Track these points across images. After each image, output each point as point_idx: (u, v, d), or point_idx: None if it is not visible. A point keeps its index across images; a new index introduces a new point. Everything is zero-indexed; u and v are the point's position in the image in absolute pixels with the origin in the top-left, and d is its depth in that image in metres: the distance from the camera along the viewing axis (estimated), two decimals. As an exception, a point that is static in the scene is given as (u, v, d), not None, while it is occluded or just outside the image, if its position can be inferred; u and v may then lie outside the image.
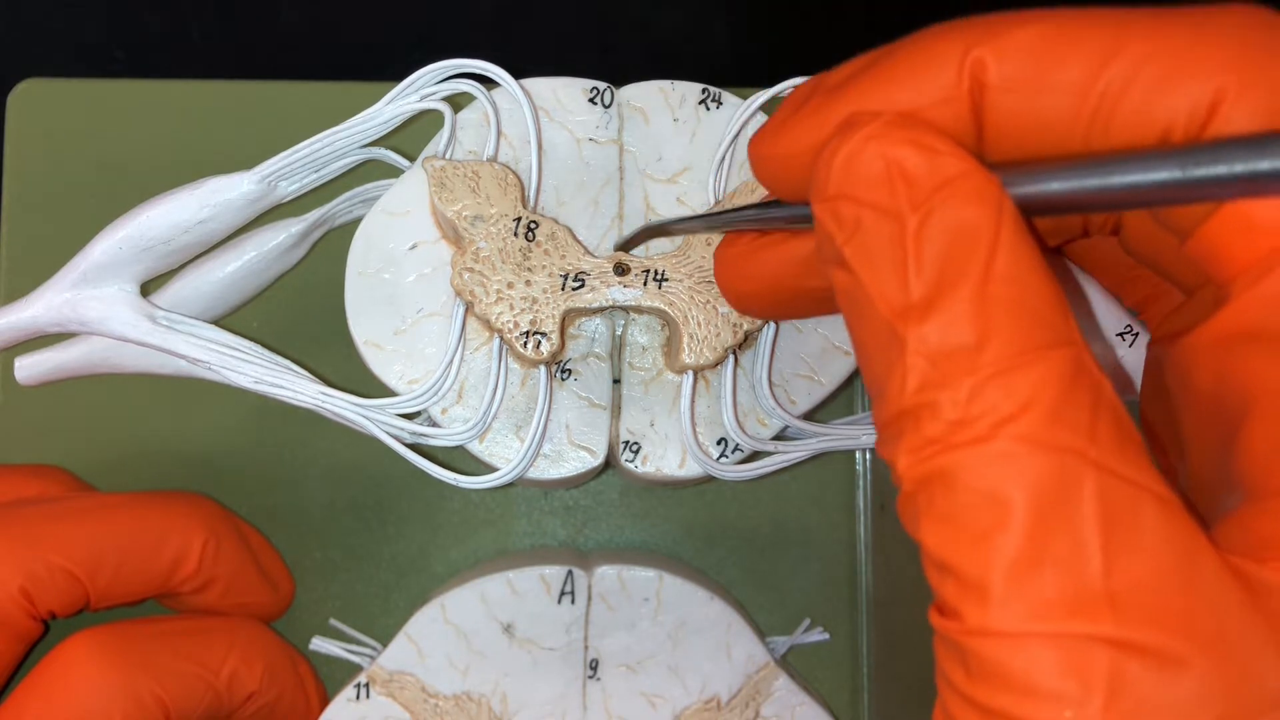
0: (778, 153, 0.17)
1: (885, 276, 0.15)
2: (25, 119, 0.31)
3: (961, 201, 0.15)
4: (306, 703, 0.28)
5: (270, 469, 0.30)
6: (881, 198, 0.15)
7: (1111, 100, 0.15)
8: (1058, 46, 0.15)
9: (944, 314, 0.14)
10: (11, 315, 0.25)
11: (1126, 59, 0.15)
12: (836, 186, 0.15)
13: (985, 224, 0.14)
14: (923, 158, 0.15)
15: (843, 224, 0.15)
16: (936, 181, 0.15)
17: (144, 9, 0.37)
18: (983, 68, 0.16)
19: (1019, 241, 0.15)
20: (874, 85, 0.16)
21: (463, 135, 0.25)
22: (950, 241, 0.14)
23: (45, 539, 0.25)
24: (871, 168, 0.15)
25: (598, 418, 0.25)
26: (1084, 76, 0.15)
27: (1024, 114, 0.16)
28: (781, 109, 0.18)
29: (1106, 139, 0.15)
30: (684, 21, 0.38)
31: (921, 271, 0.15)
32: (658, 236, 0.24)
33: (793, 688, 0.28)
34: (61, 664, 0.24)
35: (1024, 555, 0.14)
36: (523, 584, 0.27)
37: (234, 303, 0.27)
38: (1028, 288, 0.14)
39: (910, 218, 0.15)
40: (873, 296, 0.15)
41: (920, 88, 0.16)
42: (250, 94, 0.31)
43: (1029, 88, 0.15)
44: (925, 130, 0.15)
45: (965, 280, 0.14)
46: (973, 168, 0.15)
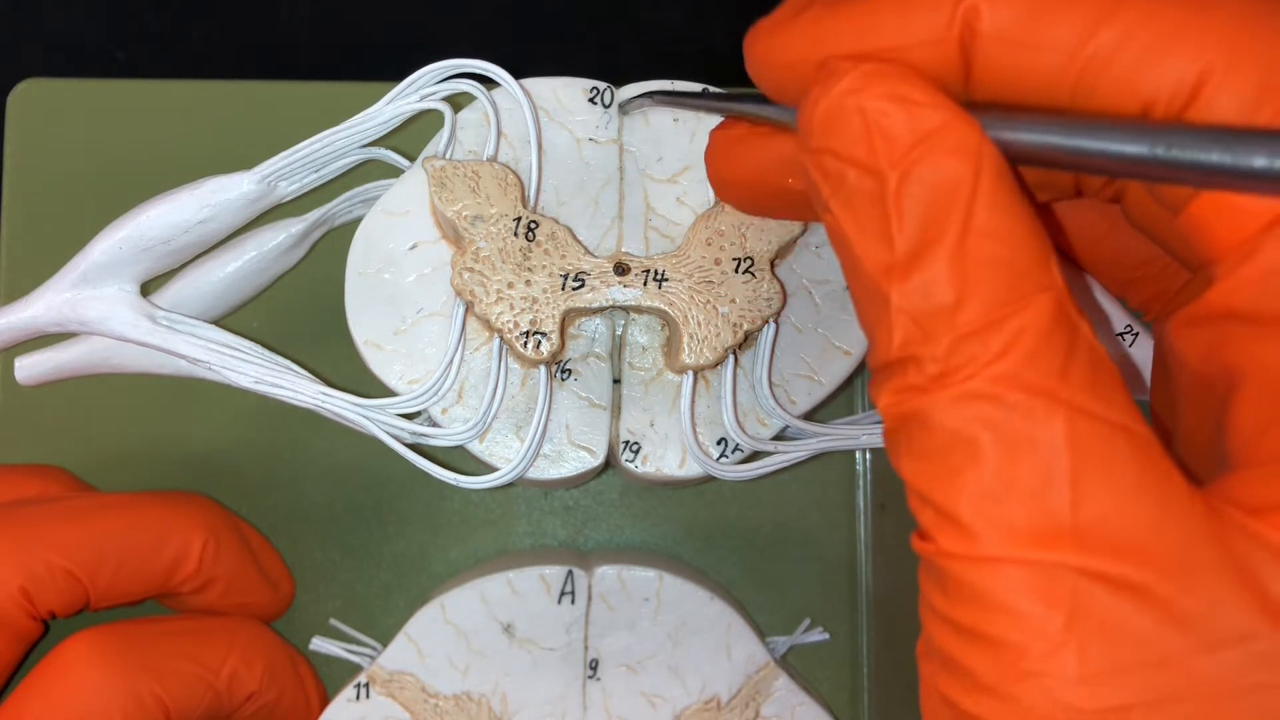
0: (770, 59, 0.17)
1: (869, 233, 0.15)
2: (25, 119, 0.31)
3: (940, 155, 0.15)
4: (306, 703, 0.28)
5: (270, 469, 0.30)
6: (861, 154, 0.15)
7: (1099, 65, 0.15)
8: (1052, 3, 0.15)
9: (924, 272, 0.15)
10: (11, 315, 0.25)
11: (1118, 25, 0.15)
12: (819, 140, 0.16)
13: (964, 177, 0.15)
14: (901, 112, 0.15)
15: (828, 177, 0.16)
16: (915, 136, 0.15)
17: (144, 9, 0.37)
18: (975, 14, 0.15)
19: (998, 192, 0.15)
20: (868, 9, 0.16)
21: (463, 135, 0.25)
22: (930, 197, 0.15)
23: (45, 539, 0.25)
24: (850, 123, 0.15)
25: (598, 418, 0.25)
26: (1074, 37, 0.15)
27: (1012, 66, 0.16)
28: (782, 8, 0.18)
29: (1090, 103, 0.15)
30: (684, 21, 0.38)
31: (903, 228, 0.15)
32: (659, 105, 0.24)
33: (793, 688, 0.28)
34: (61, 664, 0.24)
35: (993, 487, 0.14)
36: (523, 584, 0.27)
37: (234, 303, 0.27)
38: (1006, 239, 0.15)
39: (890, 174, 0.15)
40: (858, 252, 0.15)
41: (912, 23, 0.16)
42: (250, 94, 0.31)
43: (1019, 42, 0.15)
44: (905, 80, 0.15)
45: (944, 237, 0.15)
46: (952, 118, 0.15)
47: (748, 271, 0.24)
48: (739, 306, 0.24)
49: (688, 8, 0.38)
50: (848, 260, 0.16)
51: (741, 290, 0.24)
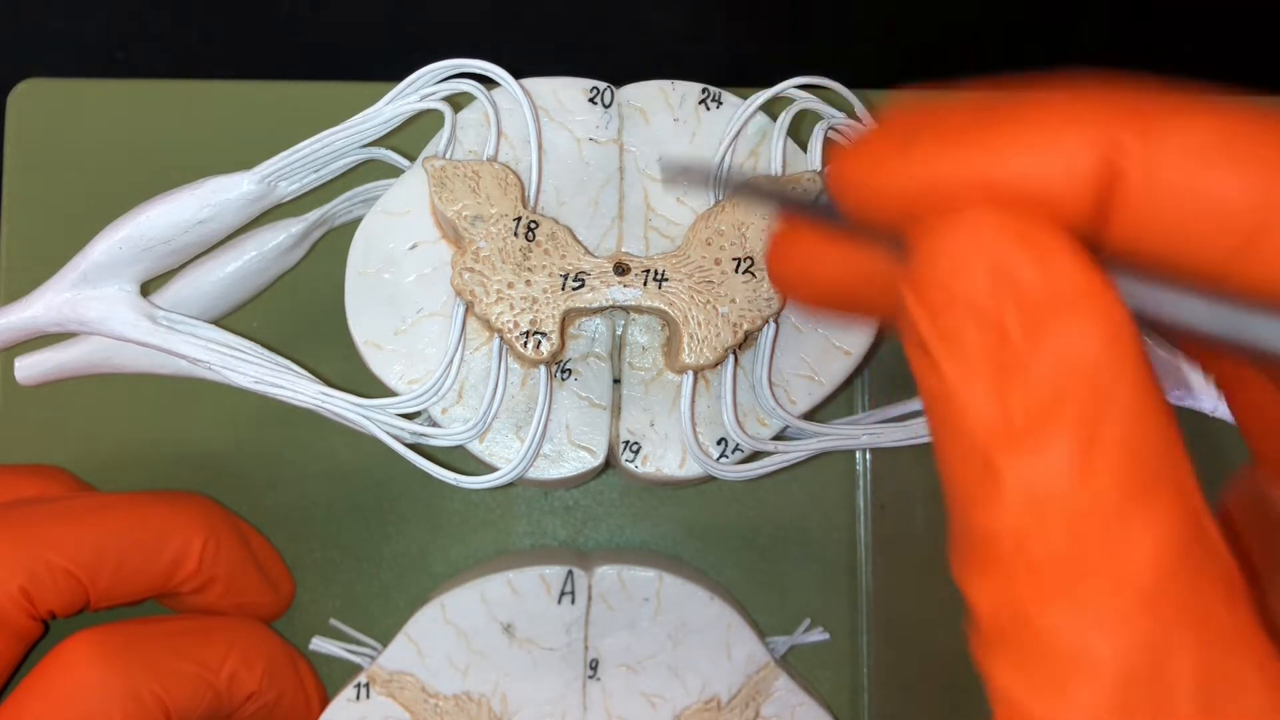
0: (870, 183, 0.16)
1: (981, 391, 0.13)
2: (25, 119, 0.31)
3: (1076, 319, 0.13)
4: (306, 703, 0.28)
5: (270, 469, 0.30)
6: (986, 304, 0.13)
7: (1265, 242, 0.13)
8: (1218, 156, 0.13)
9: (1048, 452, 0.13)
10: (11, 315, 0.25)
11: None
12: (935, 278, 0.14)
13: (1101, 350, 0.13)
14: (1038, 266, 0.13)
15: (936, 319, 0.14)
16: (1049, 292, 0.13)
17: (144, 9, 0.37)
18: (1124, 157, 0.14)
19: (1138, 376, 0.13)
20: (994, 142, 0.14)
21: (463, 135, 0.25)
22: (1059, 364, 0.13)
23: (45, 539, 0.25)
24: (977, 268, 0.14)
25: (598, 418, 0.25)
26: (1243, 200, 0.13)
27: (1160, 221, 0.14)
28: (879, 131, 0.16)
29: (1251, 271, 0.14)
30: (684, 21, 0.38)
31: (1026, 394, 0.13)
32: (748, 198, 0.24)
33: (793, 688, 0.28)
34: (61, 664, 0.24)
35: (1106, 716, 0.13)
36: (523, 584, 0.27)
37: (234, 303, 0.27)
38: (1143, 433, 0.13)
39: (1015, 330, 0.13)
40: (963, 406, 0.14)
41: (1045, 163, 0.14)
42: (250, 94, 0.31)
43: (1174, 196, 0.13)
44: (1042, 229, 0.14)
45: (1073, 415, 0.13)
46: (1094, 284, 0.13)
47: (748, 271, 0.24)
48: (739, 306, 0.24)
49: (688, 8, 0.38)
50: (946, 416, 0.14)
51: (742, 290, 0.24)
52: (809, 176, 0.25)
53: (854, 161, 0.16)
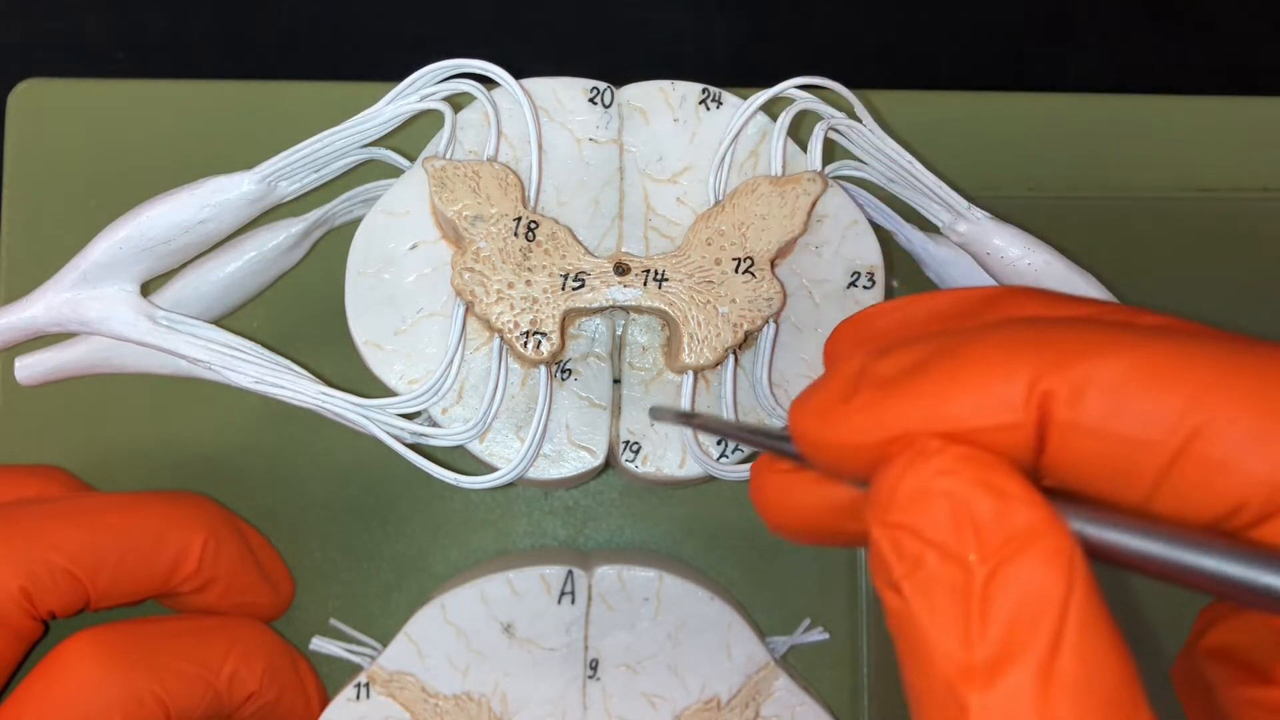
0: (824, 440, 0.17)
1: (946, 626, 0.14)
2: (25, 119, 0.31)
3: (1032, 559, 0.14)
4: (306, 703, 0.28)
5: (270, 469, 0.30)
6: (947, 541, 0.14)
7: (1186, 462, 0.14)
8: (1135, 394, 0.14)
9: (1008, 687, 0.14)
10: (11, 315, 0.25)
11: (1211, 417, 0.14)
12: (899, 517, 0.15)
13: (1057, 587, 0.14)
14: (994, 503, 0.14)
15: (903, 556, 0.15)
16: (1007, 532, 0.14)
17: (144, 9, 0.37)
18: (1052, 400, 0.14)
19: (1091, 609, 0.14)
20: (932, 392, 0.15)
21: (463, 135, 0.25)
22: (1018, 602, 0.14)
23: (45, 539, 0.25)
24: (939, 507, 0.14)
25: (598, 418, 0.25)
26: (1162, 431, 0.14)
27: (1090, 454, 0.15)
28: (828, 386, 0.17)
29: (1173, 502, 0.15)
30: (684, 21, 0.38)
31: (986, 632, 0.14)
32: (694, 428, 0.24)
33: (793, 688, 0.28)
34: (62, 664, 0.24)
35: None
36: (523, 584, 0.27)
37: (234, 303, 0.27)
38: (1097, 664, 0.14)
39: (977, 569, 0.14)
40: (930, 643, 0.14)
41: (982, 409, 0.15)
42: (250, 94, 0.31)
43: (1098, 434, 0.14)
44: (997, 469, 0.14)
45: (1031, 651, 0.14)
46: (1047, 520, 0.14)
47: (748, 271, 0.24)
48: (739, 306, 0.24)
49: (688, 7, 0.38)
50: (914, 648, 0.15)
51: (741, 290, 0.24)
52: (809, 177, 0.25)
53: (801, 415, 0.17)
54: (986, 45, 0.38)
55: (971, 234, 0.26)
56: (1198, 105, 0.33)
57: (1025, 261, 0.25)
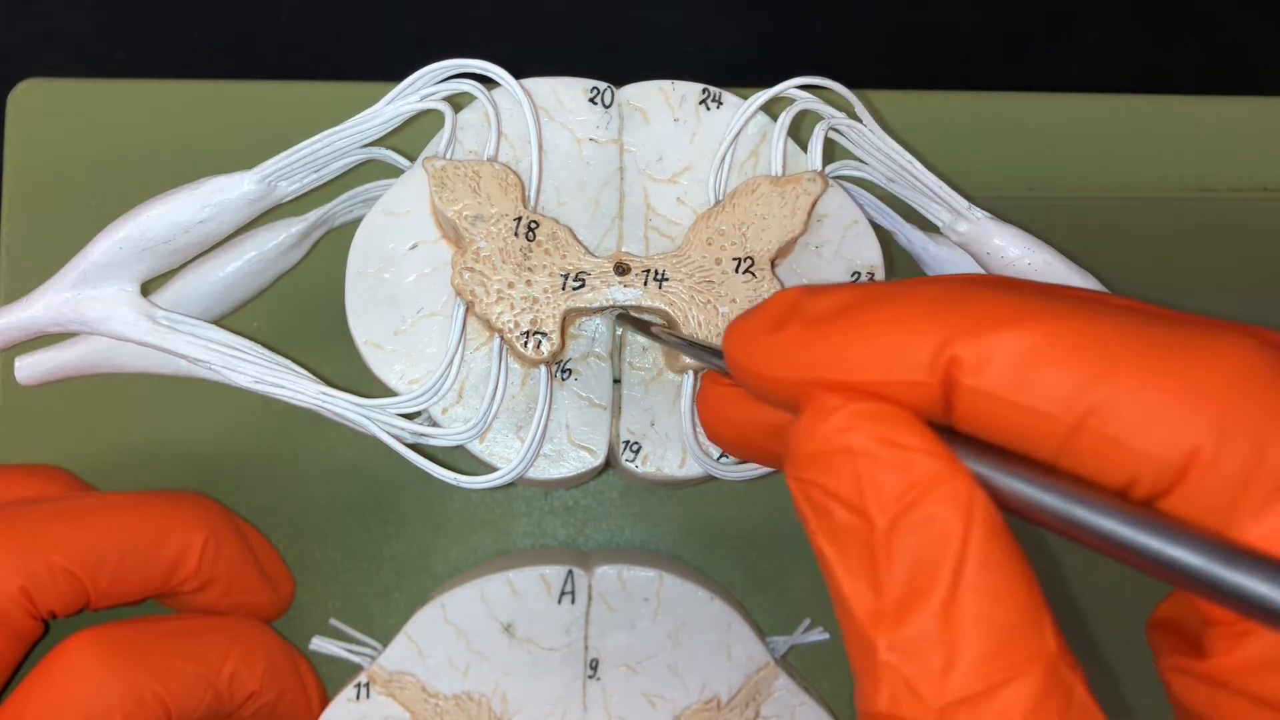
0: (748, 367, 0.17)
1: (856, 574, 0.15)
2: (25, 119, 0.31)
3: (931, 504, 0.14)
4: (307, 703, 0.28)
5: (270, 469, 0.30)
6: (850, 495, 0.15)
7: (1082, 436, 0.15)
8: (1036, 367, 0.15)
9: (912, 626, 0.14)
10: (11, 315, 0.25)
11: (1107, 394, 0.14)
12: (807, 472, 0.15)
13: (954, 529, 0.14)
14: (891, 455, 0.15)
15: (815, 508, 0.15)
16: (905, 482, 0.15)
17: (144, 9, 0.37)
18: (957, 366, 0.15)
19: (990, 546, 0.14)
20: (847, 341, 0.16)
21: (463, 135, 0.25)
22: (919, 546, 0.14)
23: (45, 539, 0.25)
24: (839, 463, 0.15)
25: (598, 418, 0.25)
26: (1059, 406, 0.15)
27: (993, 418, 0.15)
28: (761, 315, 0.17)
29: (1072, 468, 0.15)
30: (684, 21, 0.38)
31: (891, 576, 0.15)
32: (634, 330, 0.24)
33: (793, 688, 0.28)
34: (62, 664, 0.24)
35: None
36: (523, 584, 0.27)
37: (234, 303, 0.27)
38: (998, 598, 0.14)
39: (879, 519, 0.15)
40: (845, 592, 0.15)
41: (892, 363, 0.15)
42: (250, 94, 0.31)
43: (1002, 401, 0.15)
44: (896, 422, 0.15)
45: (933, 591, 0.14)
46: (944, 467, 0.15)
47: (748, 271, 0.24)
48: (739, 306, 0.24)
49: (688, 8, 0.38)
50: (834, 594, 0.16)
51: (742, 290, 0.24)
52: (809, 176, 0.25)
53: (731, 339, 0.18)
54: (986, 45, 0.38)
55: (971, 234, 0.26)
56: (1198, 105, 0.33)
57: (1025, 261, 0.25)
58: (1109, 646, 0.30)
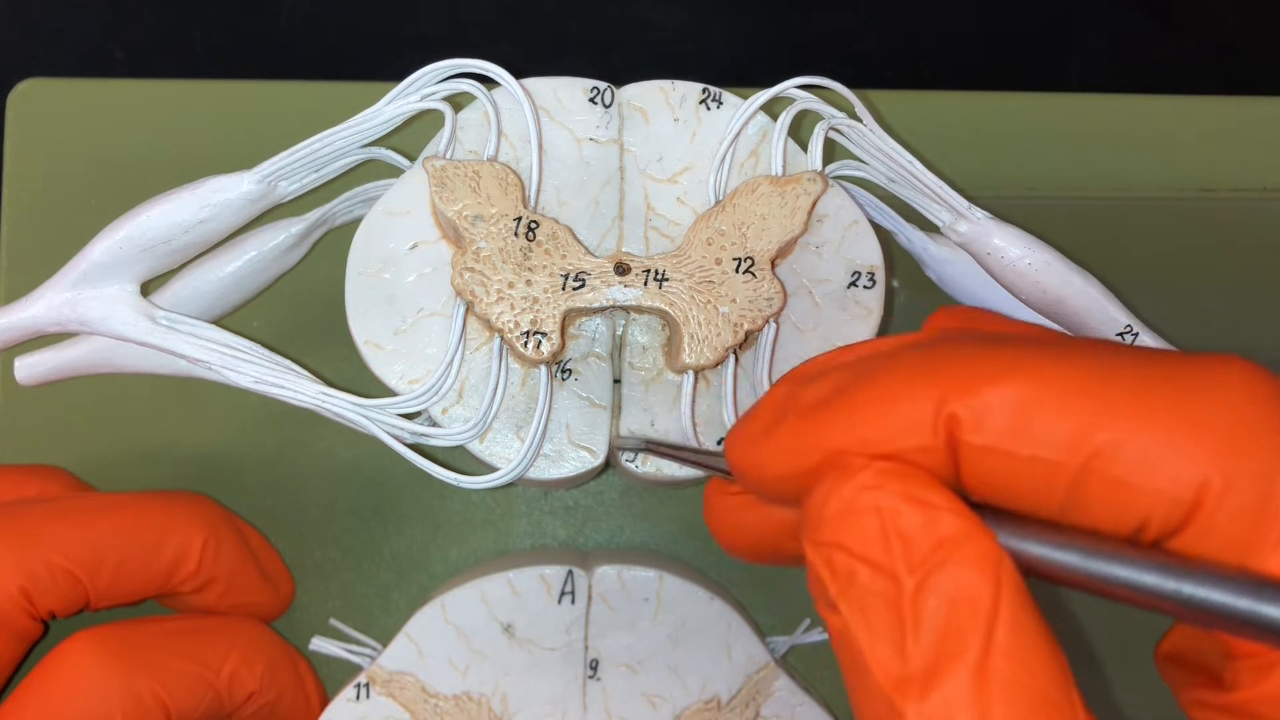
0: (758, 471, 0.17)
1: (881, 638, 0.14)
2: (25, 119, 0.31)
3: (960, 565, 0.14)
4: (306, 703, 0.28)
5: (270, 469, 0.30)
6: (876, 554, 0.15)
7: (1089, 480, 0.14)
8: (1035, 416, 0.15)
9: (944, 694, 0.14)
10: (11, 315, 0.25)
11: (1110, 436, 0.14)
12: (830, 535, 0.15)
13: (985, 592, 0.14)
14: (919, 515, 0.15)
15: (836, 574, 0.15)
16: (933, 542, 0.14)
17: (144, 9, 0.37)
18: (957, 425, 0.15)
19: (1020, 610, 0.14)
20: (847, 418, 0.16)
21: (463, 135, 0.25)
22: (949, 609, 0.14)
23: (45, 539, 0.25)
24: (866, 522, 0.15)
25: (598, 417, 0.25)
26: (1063, 452, 0.14)
27: (1000, 473, 0.15)
28: (757, 416, 0.17)
29: (1081, 517, 0.15)
30: (684, 21, 0.38)
31: (919, 640, 0.14)
32: (655, 455, 0.24)
33: (793, 688, 0.28)
34: (62, 664, 0.24)
35: None
36: (523, 584, 0.27)
37: (234, 303, 0.27)
38: (1029, 663, 0.14)
39: (907, 580, 0.14)
40: (868, 658, 0.15)
41: (894, 431, 0.15)
42: (250, 94, 0.31)
43: (1006, 454, 0.15)
44: (921, 483, 0.15)
45: (964, 655, 0.14)
46: (971, 527, 0.14)
47: (748, 271, 0.24)
48: (739, 306, 0.24)
49: (688, 7, 0.38)
50: (854, 663, 0.15)
51: (742, 290, 0.24)
52: (809, 176, 0.25)
53: (733, 445, 0.18)
54: (986, 45, 0.38)
55: (972, 234, 0.26)
56: (1198, 105, 0.33)
57: (1025, 261, 0.25)
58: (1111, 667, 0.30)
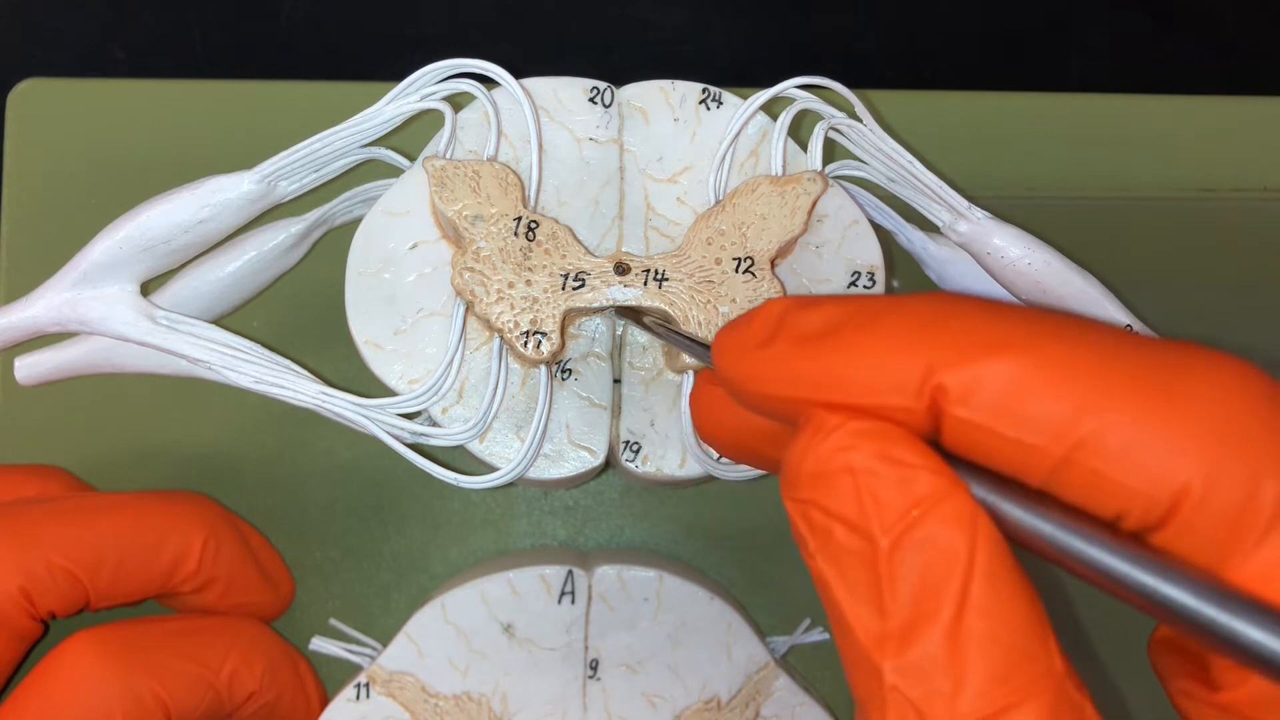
0: (741, 384, 0.17)
1: (859, 596, 0.15)
2: (25, 119, 0.31)
3: (935, 522, 0.14)
4: (306, 703, 0.28)
5: (270, 469, 0.30)
6: (851, 514, 0.15)
7: (1070, 468, 0.14)
8: (1022, 397, 0.14)
9: (919, 648, 0.14)
10: (11, 315, 0.25)
11: (1095, 427, 0.14)
12: (806, 493, 0.15)
13: (960, 548, 0.14)
14: (894, 473, 0.15)
15: (814, 529, 0.15)
16: (908, 501, 0.14)
17: (144, 9, 0.37)
18: (944, 395, 0.15)
19: (995, 566, 0.14)
20: (836, 362, 0.16)
21: (463, 135, 0.25)
22: (924, 566, 0.14)
23: (45, 539, 0.25)
24: (840, 483, 0.15)
25: (598, 417, 0.25)
26: (1048, 438, 0.14)
27: (981, 447, 0.15)
28: (749, 328, 0.17)
29: (1062, 496, 0.15)
30: (684, 21, 0.38)
31: (896, 597, 0.14)
32: (632, 322, 0.24)
33: (793, 688, 0.28)
34: (62, 664, 0.24)
35: None
36: (523, 584, 0.27)
37: (234, 303, 0.27)
38: (1005, 618, 0.14)
39: (881, 539, 0.14)
40: (848, 615, 0.15)
41: (879, 386, 0.15)
42: (250, 94, 0.31)
43: (989, 431, 0.15)
44: (897, 440, 0.15)
45: (939, 611, 0.14)
46: (947, 484, 0.14)
47: (748, 271, 0.24)
48: (739, 306, 0.24)
49: (688, 7, 0.38)
50: (835, 618, 0.15)
51: (742, 290, 0.24)
52: (809, 176, 0.25)
53: (719, 350, 0.17)
54: (986, 45, 0.38)
55: (972, 234, 0.26)
56: (1198, 105, 0.33)
57: (1025, 261, 0.25)
58: (1108, 655, 0.30)
